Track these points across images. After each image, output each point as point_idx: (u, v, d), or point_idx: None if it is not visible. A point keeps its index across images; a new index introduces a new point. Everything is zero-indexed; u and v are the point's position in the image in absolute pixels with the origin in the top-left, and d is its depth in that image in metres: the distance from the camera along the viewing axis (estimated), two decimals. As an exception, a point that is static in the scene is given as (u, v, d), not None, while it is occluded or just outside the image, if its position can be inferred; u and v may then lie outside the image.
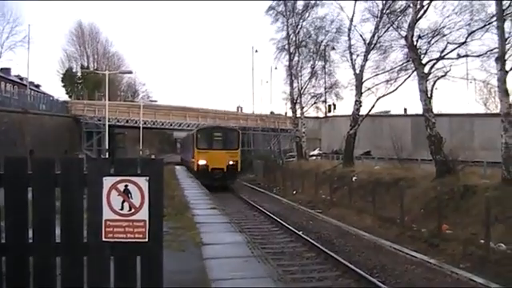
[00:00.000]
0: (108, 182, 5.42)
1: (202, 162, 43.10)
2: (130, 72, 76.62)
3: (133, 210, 5.40)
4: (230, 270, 9.67)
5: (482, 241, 16.99)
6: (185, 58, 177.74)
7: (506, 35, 21.69)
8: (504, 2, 21.58)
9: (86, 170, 5.64)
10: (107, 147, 55.82)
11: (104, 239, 5.40)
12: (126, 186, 5.40)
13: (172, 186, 28.20)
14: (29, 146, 46.40)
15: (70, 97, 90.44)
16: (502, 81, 21.08)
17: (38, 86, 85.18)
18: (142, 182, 5.40)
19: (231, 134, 47.16)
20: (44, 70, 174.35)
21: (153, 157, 56.43)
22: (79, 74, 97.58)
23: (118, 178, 5.42)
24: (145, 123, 72.64)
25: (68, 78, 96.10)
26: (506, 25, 21.97)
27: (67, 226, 5.46)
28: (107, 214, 5.40)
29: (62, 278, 5.44)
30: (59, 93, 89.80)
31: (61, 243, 5.47)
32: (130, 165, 5.63)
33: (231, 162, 43.54)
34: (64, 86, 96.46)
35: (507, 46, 21.55)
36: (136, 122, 72.31)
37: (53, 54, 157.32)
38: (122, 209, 5.40)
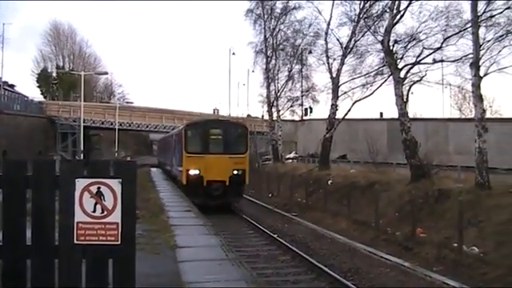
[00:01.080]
0: (80, 183, 5.35)
1: (193, 172, 29.45)
2: (106, 73, 76.18)
3: (105, 213, 5.34)
4: (205, 273, 9.63)
5: (456, 244, 17.14)
6: (162, 60, 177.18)
7: (481, 41, 21.95)
8: (479, 9, 21.83)
9: (59, 172, 5.57)
10: (82, 149, 55.35)
11: (76, 242, 5.33)
12: (99, 188, 5.34)
13: (147, 189, 28.10)
14: (2, 147, 45.87)
15: (45, 97, 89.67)
16: (477, 86, 21.30)
17: (12, 86, 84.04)
18: (115, 184, 5.35)
19: (236, 130, 32.97)
20: (19, 70, 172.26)
21: (128, 159, 56.00)
22: (54, 74, 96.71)
23: (91, 180, 5.36)
24: (120, 125, 72.35)
25: (43, 79, 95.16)
26: (481, 31, 22.24)
27: (38, 228, 5.38)
28: (79, 216, 5.33)
29: (32, 281, 5.36)
30: (34, 93, 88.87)
31: (31, 245, 5.39)
32: (103, 167, 5.58)
33: (236, 172, 30.01)
34: (39, 87, 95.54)
35: (481, 52, 21.81)
36: (112, 124, 71.99)
37: (28, 53, 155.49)
38: (94, 211, 5.34)
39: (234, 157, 30.22)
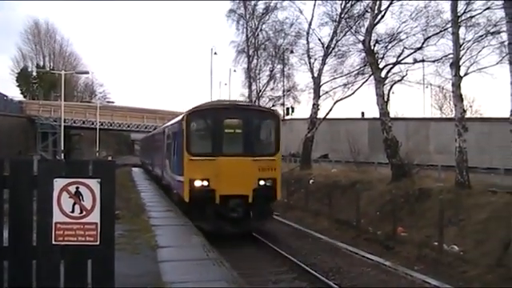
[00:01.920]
0: (59, 183, 5.31)
1: (200, 184, 20.02)
2: (87, 72, 75.51)
3: (84, 213, 5.30)
4: (185, 273, 9.59)
5: (436, 243, 17.25)
6: (143, 60, 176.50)
7: (461, 41, 22.13)
8: (459, 9, 22.00)
9: (37, 172, 5.52)
10: (62, 148, 54.94)
11: (54, 242, 5.28)
12: (78, 187, 5.31)
13: (128, 189, 27.97)
14: (-19, 147, 45.43)
15: (24, 97, 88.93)
16: (457, 86, 21.47)
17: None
18: (94, 184, 5.31)
19: (262, 120, 22.11)
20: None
21: (109, 158, 55.67)
22: (35, 73, 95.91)
23: (69, 180, 5.32)
24: (101, 124, 71.97)
25: (23, 78, 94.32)
26: (461, 31, 22.43)
27: (16, 228, 5.33)
28: (58, 217, 5.29)
29: (10, 282, 5.30)
30: (14, 92, 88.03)
31: (8, 246, 5.33)
32: (81, 166, 5.54)
33: (264, 182, 20.59)
34: (19, 86, 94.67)
35: (461, 52, 21.99)
36: (93, 124, 71.61)
37: (7, 52, 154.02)
38: (72, 211, 5.30)
39: (261, 159, 20.32)
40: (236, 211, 19.69)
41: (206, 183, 19.59)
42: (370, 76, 31.12)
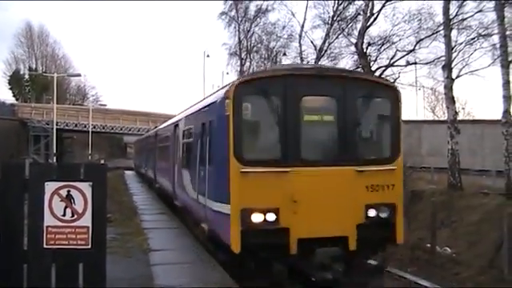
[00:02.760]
0: (50, 187, 5.29)
1: (260, 218, 9.85)
2: (79, 75, 75.53)
3: (75, 216, 5.29)
4: (177, 277, 9.56)
5: (429, 245, 17.29)
6: (135, 62, 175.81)
7: (453, 44, 22.22)
8: (451, 12, 22.09)
9: (28, 175, 5.49)
10: (55, 151, 54.75)
11: (45, 246, 5.26)
12: (69, 191, 5.29)
13: (120, 192, 27.84)
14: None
15: (17, 100, 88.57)
16: (449, 88, 21.57)
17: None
18: (86, 187, 5.30)
19: (371, 99, 10.98)
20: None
21: (102, 161, 55.46)
22: (27, 76, 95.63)
23: (61, 184, 5.30)
24: (94, 127, 71.82)
25: (15, 81, 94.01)
26: (453, 34, 22.52)
27: (6, 232, 5.30)
28: (49, 220, 5.27)
29: (1, 286, 5.28)
30: (5, 95, 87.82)
31: (-1, 250, 5.31)
32: (73, 170, 5.52)
33: (376, 212, 10.56)
34: (11, 89, 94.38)
35: (453, 55, 22.08)
36: (85, 126, 71.43)
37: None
38: (64, 215, 5.28)
39: (371, 171, 10.82)
40: (329, 269, 10.13)
41: (272, 217, 10.01)
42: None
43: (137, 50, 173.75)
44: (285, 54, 47.20)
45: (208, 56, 73.76)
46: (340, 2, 34.85)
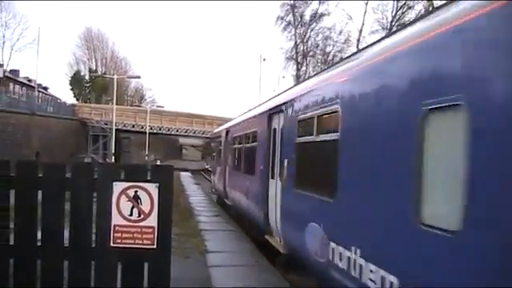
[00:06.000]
0: (118, 187, 5.42)
1: None
2: (139, 77, 76.86)
3: (142, 216, 5.40)
4: (235, 279, 9.62)
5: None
6: (192, 65, 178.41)
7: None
8: None
9: (96, 175, 5.64)
10: (113, 151, 55.77)
11: (112, 245, 5.39)
12: (136, 191, 5.40)
13: (177, 193, 28.13)
14: (35, 149, 46.51)
15: (77, 100, 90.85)
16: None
17: (46, 89, 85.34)
18: (152, 188, 5.40)
19: None
20: (52, 73, 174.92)
21: (158, 162, 56.15)
22: (87, 77, 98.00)
23: (128, 184, 5.42)
24: (151, 128, 72.78)
25: (76, 82, 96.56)
26: None
27: (76, 230, 5.46)
28: (116, 220, 5.40)
29: (70, 282, 5.44)
30: (67, 96, 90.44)
31: (69, 247, 5.46)
32: (140, 171, 5.64)
33: None
34: (72, 89, 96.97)
35: None
36: (142, 127, 72.49)
37: (61, 56, 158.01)
38: (131, 214, 5.40)
39: None
40: None
41: None
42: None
43: (194, 53, 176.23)
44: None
45: (264, 59, 74.04)
46: (399, 7, 34.56)
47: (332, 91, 7.85)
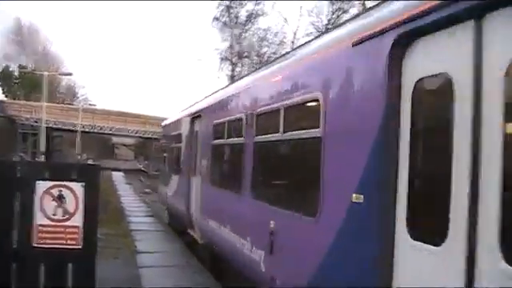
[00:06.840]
0: (41, 186, 5.29)
1: None
2: (70, 74, 75.00)
3: (66, 216, 5.28)
4: (165, 279, 9.55)
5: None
6: (126, 64, 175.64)
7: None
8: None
9: (19, 174, 5.48)
10: (43, 150, 54.41)
11: (35, 245, 5.25)
12: (61, 191, 5.28)
13: (108, 192, 27.75)
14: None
15: (6, 96, 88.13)
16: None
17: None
18: (78, 187, 5.30)
19: None
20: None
21: (90, 161, 55.12)
22: (16, 73, 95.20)
23: (52, 183, 5.30)
24: (83, 127, 71.43)
25: (4, 77, 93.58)
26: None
27: (-3, 230, 5.29)
28: (39, 219, 5.26)
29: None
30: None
31: (-12, 248, 5.29)
32: (65, 170, 5.53)
33: None
34: (0, 86, 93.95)
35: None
36: (74, 126, 71.05)
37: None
38: (55, 214, 5.27)
39: None
40: None
41: None
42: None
43: (130, 52, 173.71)
44: (275, 60, 47.42)
45: (200, 60, 73.88)
46: (334, 10, 35.08)
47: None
